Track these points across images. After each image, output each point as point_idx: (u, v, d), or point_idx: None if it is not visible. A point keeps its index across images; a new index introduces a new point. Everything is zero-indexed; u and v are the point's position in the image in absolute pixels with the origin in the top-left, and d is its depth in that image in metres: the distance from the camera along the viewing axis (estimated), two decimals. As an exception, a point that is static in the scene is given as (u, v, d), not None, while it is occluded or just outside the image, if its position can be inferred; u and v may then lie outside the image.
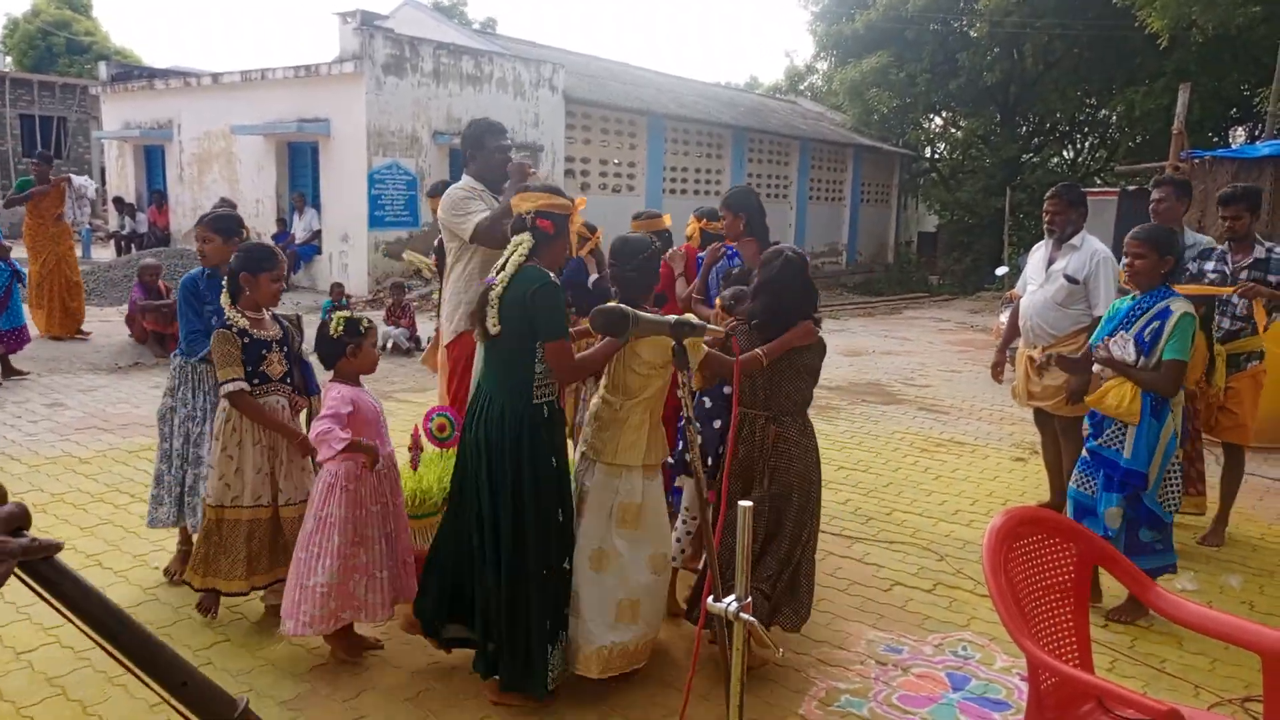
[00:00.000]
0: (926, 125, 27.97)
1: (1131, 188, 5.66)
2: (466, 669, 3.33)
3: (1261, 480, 6.20)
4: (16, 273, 8.28)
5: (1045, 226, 4.98)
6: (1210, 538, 4.97)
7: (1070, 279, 4.73)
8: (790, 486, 3.32)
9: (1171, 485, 3.88)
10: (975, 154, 25.51)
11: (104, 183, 21.54)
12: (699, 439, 1.88)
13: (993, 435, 7.35)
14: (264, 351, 3.53)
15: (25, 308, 8.62)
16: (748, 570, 1.86)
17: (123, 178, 18.91)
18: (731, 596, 1.86)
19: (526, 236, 3.09)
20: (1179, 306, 3.74)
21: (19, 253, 9.03)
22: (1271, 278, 4.71)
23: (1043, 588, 2.56)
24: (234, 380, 3.44)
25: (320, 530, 3.25)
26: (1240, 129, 22.13)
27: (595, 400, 3.24)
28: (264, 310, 3.61)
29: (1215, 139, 20.35)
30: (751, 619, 1.83)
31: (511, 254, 3.08)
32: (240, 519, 3.52)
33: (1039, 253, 5.09)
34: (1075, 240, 4.81)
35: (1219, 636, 2.42)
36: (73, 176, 9.89)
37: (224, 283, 3.61)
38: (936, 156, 28.50)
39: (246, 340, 3.49)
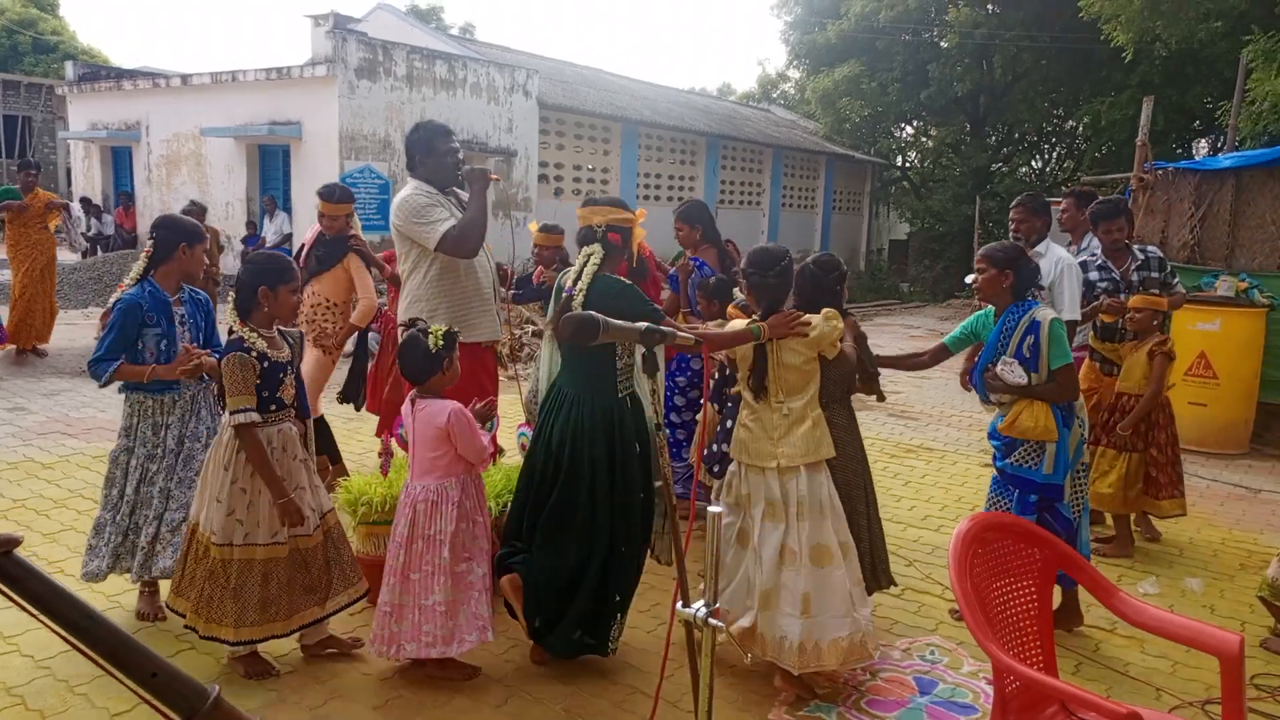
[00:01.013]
0: (898, 134, 28.29)
1: (1080, 191, 5.79)
2: (435, 677, 3.31)
3: (1222, 486, 6.31)
4: None
5: (1011, 235, 5.11)
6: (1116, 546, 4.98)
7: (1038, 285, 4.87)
8: (848, 470, 3.55)
9: (1078, 488, 3.86)
10: (945, 163, 25.81)
11: (70, 184, 21.23)
12: (666, 444, 1.90)
13: (962, 441, 7.43)
14: (281, 375, 3.23)
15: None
16: (715, 577, 1.87)
17: (89, 179, 18.64)
18: (700, 602, 1.87)
19: (597, 247, 3.38)
20: (1043, 314, 3.69)
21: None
22: (1154, 275, 5.12)
23: (1008, 593, 2.59)
24: (245, 410, 3.09)
25: (431, 548, 3.16)
26: (1203, 141, 22.55)
27: (747, 418, 3.38)
28: (274, 328, 3.30)
29: (1179, 150, 20.74)
30: (719, 624, 1.84)
31: (584, 265, 3.37)
32: (254, 558, 3.17)
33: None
34: (1040, 248, 4.93)
35: (1180, 640, 2.46)
36: (68, 204, 9.71)
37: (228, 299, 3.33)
38: (907, 165, 28.81)
39: (265, 364, 3.17)
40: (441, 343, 3.18)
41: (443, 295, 4.05)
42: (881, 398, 3.95)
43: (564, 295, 3.37)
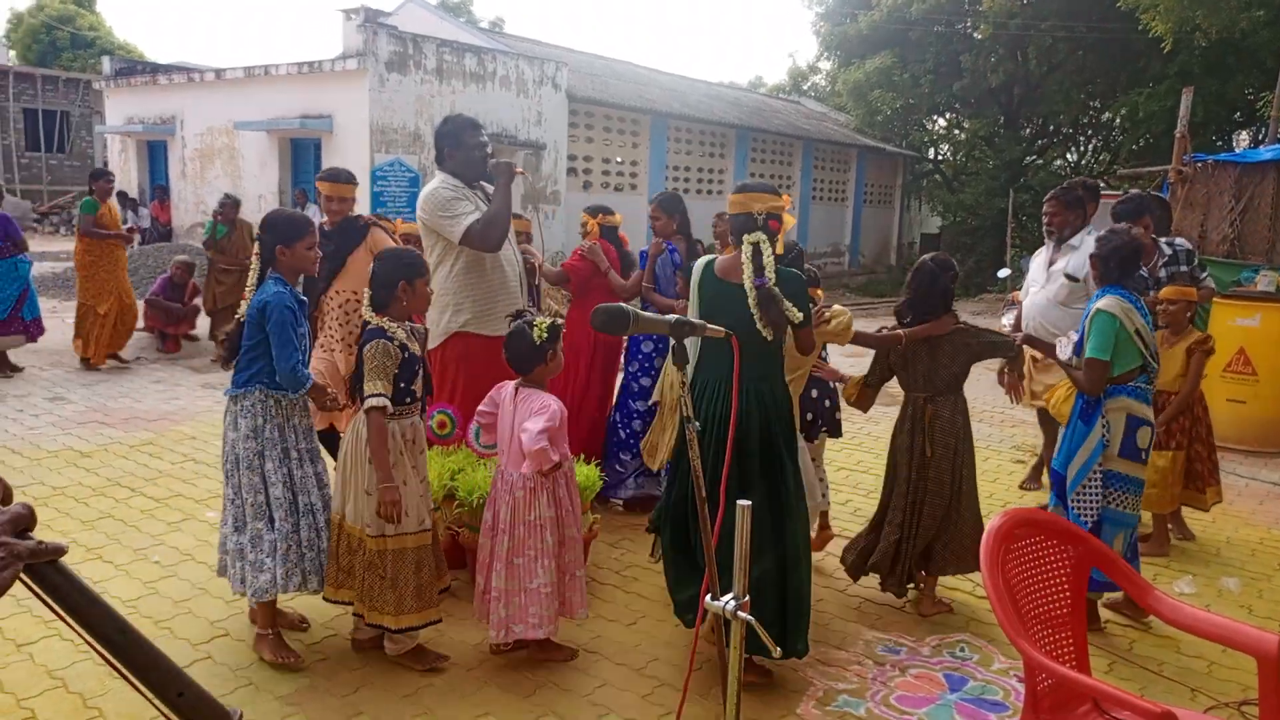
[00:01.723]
0: (930, 127, 27.97)
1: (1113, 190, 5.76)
2: (464, 664, 3.34)
3: (1261, 485, 6.20)
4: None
5: (1045, 228, 5.06)
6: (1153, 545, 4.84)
7: (1070, 277, 4.85)
8: (943, 456, 3.91)
9: (1088, 496, 3.72)
10: (978, 156, 25.50)
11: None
12: (695, 438, 1.89)
13: (993, 437, 7.35)
14: (415, 368, 3.27)
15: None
16: (746, 570, 1.87)
17: (125, 173, 18.91)
18: (729, 595, 1.87)
19: (761, 235, 3.22)
20: (1100, 304, 3.68)
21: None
22: (1183, 269, 5.09)
23: (1040, 589, 2.56)
24: (381, 396, 3.10)
25: (532, 534, 3.23)
26: (1244, 133, 22.10)
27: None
28: (407, 322, 3.31)
29: (1219, 142, 20.33)
30: (749, 618, 1.84)
31: (765, 255, 3.17)
32: (406, 548, 3.22)
33: (1040, 256, 5.17)
34: (1074, 240, 4.92)
35: (1216, 640, 2.43)
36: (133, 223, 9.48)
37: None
38: (940, 158, 28.49)
39: (405, 355, 3.20)
40: (545, 335, 3.24)
41: (468, 289, 4.07)
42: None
43: (755, 286, 3.15)
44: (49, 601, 0.98)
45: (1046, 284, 5.00)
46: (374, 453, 3.12)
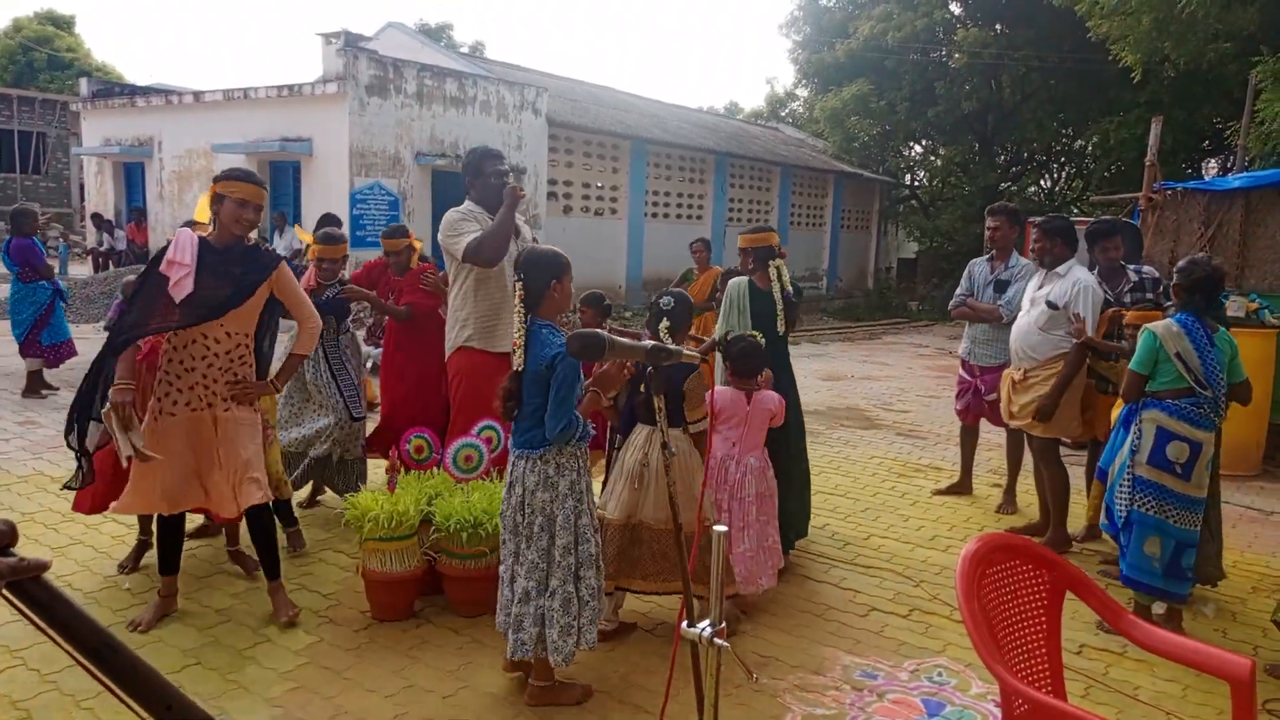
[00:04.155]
0: (906, 153, 28.33)
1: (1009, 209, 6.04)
2: (438, 662, 3.30)
3: (1234, 508, 6.26)
4: (59, 291, 8.29)
5: (1032, 257, 5.25)
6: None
7: (1051, 305, 4.94)
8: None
9: (1120, 494, 4.11)
10: (954, 182, 25.82)
11: (83, 199, 21.40)
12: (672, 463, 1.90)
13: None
14: None
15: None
16: (720, 595, 1.86)
17: (102, 194, 18.79)
18: (705, 621, 1.86)
19: (782, 262, 4.70)
20: (1152, 324, 4.11)
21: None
22: (1148, 295, 5.23)
23: (1016, 614, 2.57)
24: None
25: (754, 507, 4.11)
26: (1213, 161, 22.52)
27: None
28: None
29: (1189, 170, 20.70)
30: (725, 644, 1.83)
31: (784, 273, 4.64)
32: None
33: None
34: (1060, 269, 5.02)
35: (1190, 664, 2.44)
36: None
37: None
38: (916, 184, 28.83)
39: None
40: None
41: (473, 305, 4.26)
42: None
43: (785, 297, 4.57)
44: (33, 618, 0.97)
45: (1030, 309, 5.13)
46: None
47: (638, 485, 3.70)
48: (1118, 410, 4.37)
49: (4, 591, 0.94)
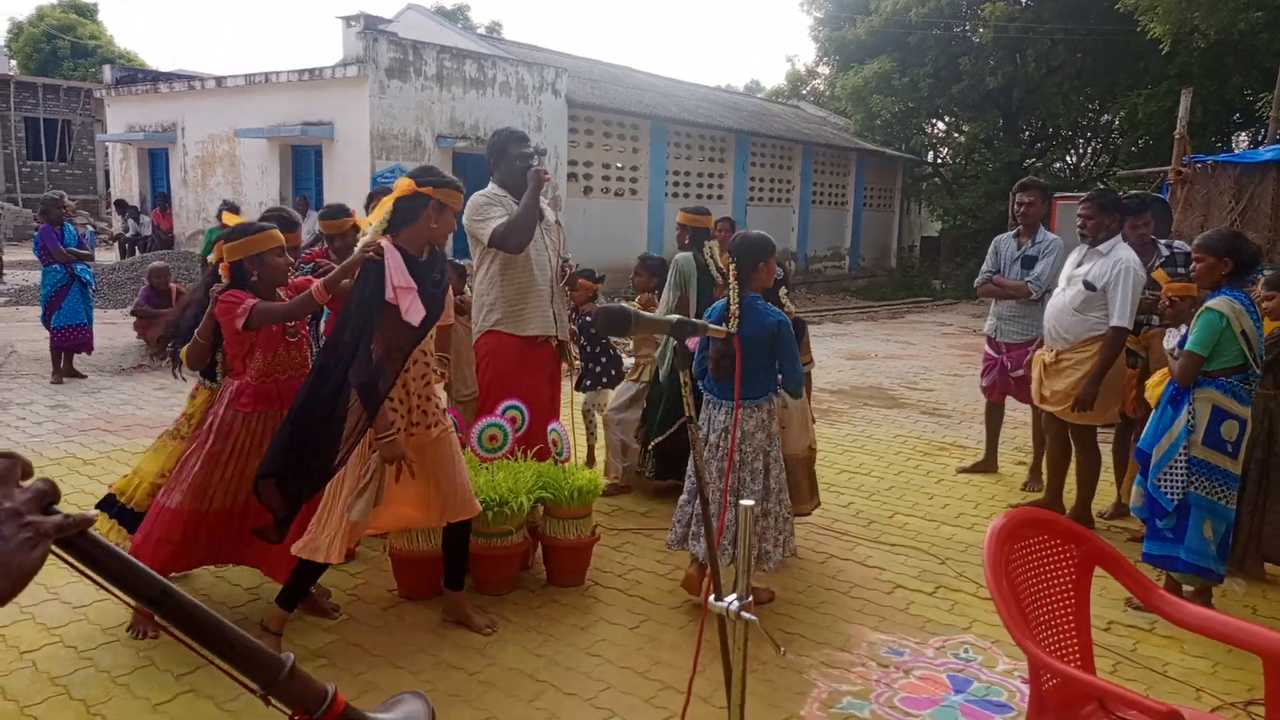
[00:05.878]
0: (929, 130, 28.00)
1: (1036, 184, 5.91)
2: (467, 669, 3.33)
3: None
4: (76, 276, 8.27)
5: (1078, 232, 4.98)
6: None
7: (1088, 285, 4.75)
8: None
9: (1173, 477, 3.95)
10: (978, 159, 25.51)
11: (108, 185, 21.60)
12: (698, 438, 1.90)
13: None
14: None
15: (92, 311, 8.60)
16: (749, 570, 1.86)
17: (126, 180, 18.96)
18: (733, 595, 1.86)
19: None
20: (1212, 302, 3.91)
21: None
22: (1180, 270, 4.94)
23: (1044, 589, 2.56)
24: None
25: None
26: (1243, 133, 22.11)
27: None
28: None
29: (1218, 143, 20.33)
30: (753, 618, 1.83)
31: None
32: None
33: (1072, 255, 5.12)
34: (1103, 247, 4.81)
35: (1221, 639, 2.42)
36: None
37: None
38: (939, 161, 28.50)
39: None
40: None
41: (500, 289, 4.27)
42: None
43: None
44: (88, 572, 0.98)
45: (1066, 288, 4.95)
46: None
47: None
48: (1157, 391, 4.23)
49: (55, 549, 0.95)
